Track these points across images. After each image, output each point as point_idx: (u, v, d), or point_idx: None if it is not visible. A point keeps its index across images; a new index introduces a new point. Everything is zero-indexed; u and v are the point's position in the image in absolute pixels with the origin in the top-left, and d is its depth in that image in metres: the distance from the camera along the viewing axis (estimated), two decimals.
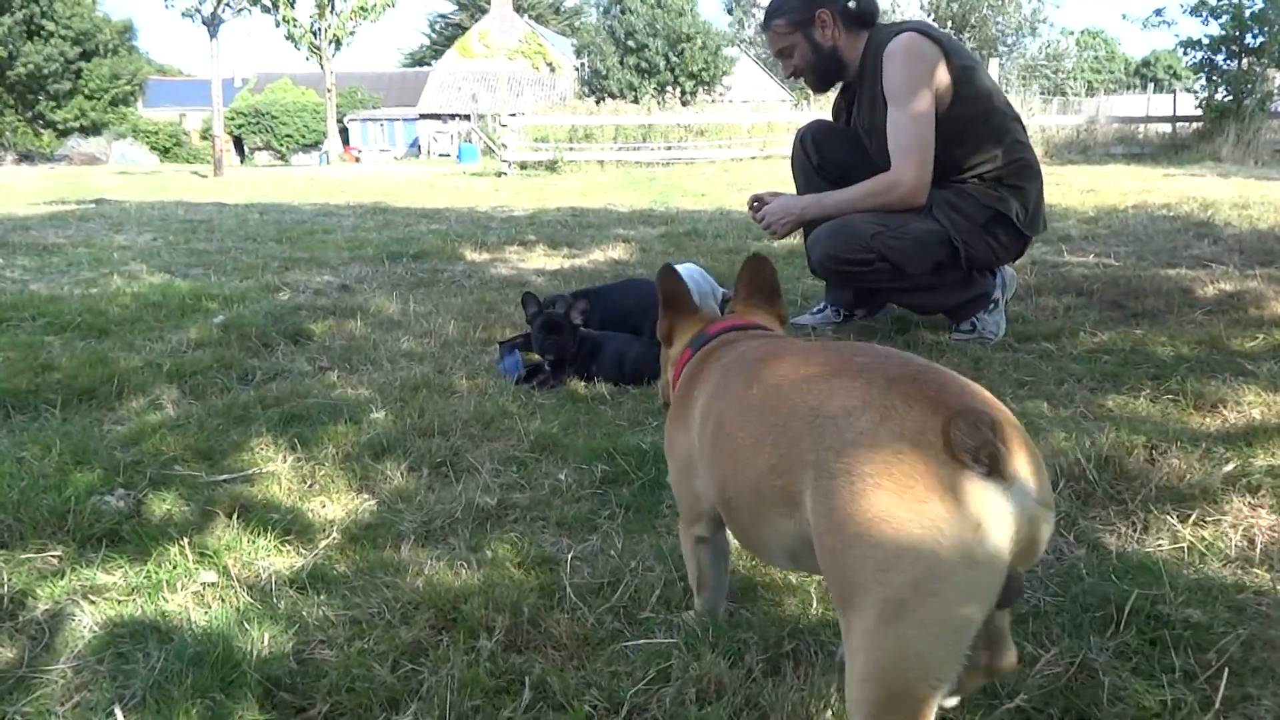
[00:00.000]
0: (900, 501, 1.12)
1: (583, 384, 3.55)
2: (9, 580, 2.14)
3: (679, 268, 4.44)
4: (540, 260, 6.77)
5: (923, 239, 3.79)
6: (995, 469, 1.13)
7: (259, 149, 51.47)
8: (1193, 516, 2.26)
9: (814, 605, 1.91)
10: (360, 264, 6.58)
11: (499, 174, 18.51)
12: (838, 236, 3.87)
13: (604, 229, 8.52)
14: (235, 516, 2.45)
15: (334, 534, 2.37)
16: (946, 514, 1.11)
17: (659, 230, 8.25)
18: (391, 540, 2.35)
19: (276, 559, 2.26)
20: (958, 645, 1.13)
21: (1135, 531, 2.23)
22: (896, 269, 3.84)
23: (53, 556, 2.27)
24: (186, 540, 2.29)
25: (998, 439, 1.12)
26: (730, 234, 7.72)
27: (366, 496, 2.63)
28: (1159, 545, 2.16)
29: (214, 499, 2.57)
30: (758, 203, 4.13)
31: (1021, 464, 1.15)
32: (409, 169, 24.83)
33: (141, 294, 5.23)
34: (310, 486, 2.70)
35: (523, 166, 19.15)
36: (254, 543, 2.32)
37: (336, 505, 2.57)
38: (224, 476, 2.75)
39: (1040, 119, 18.93)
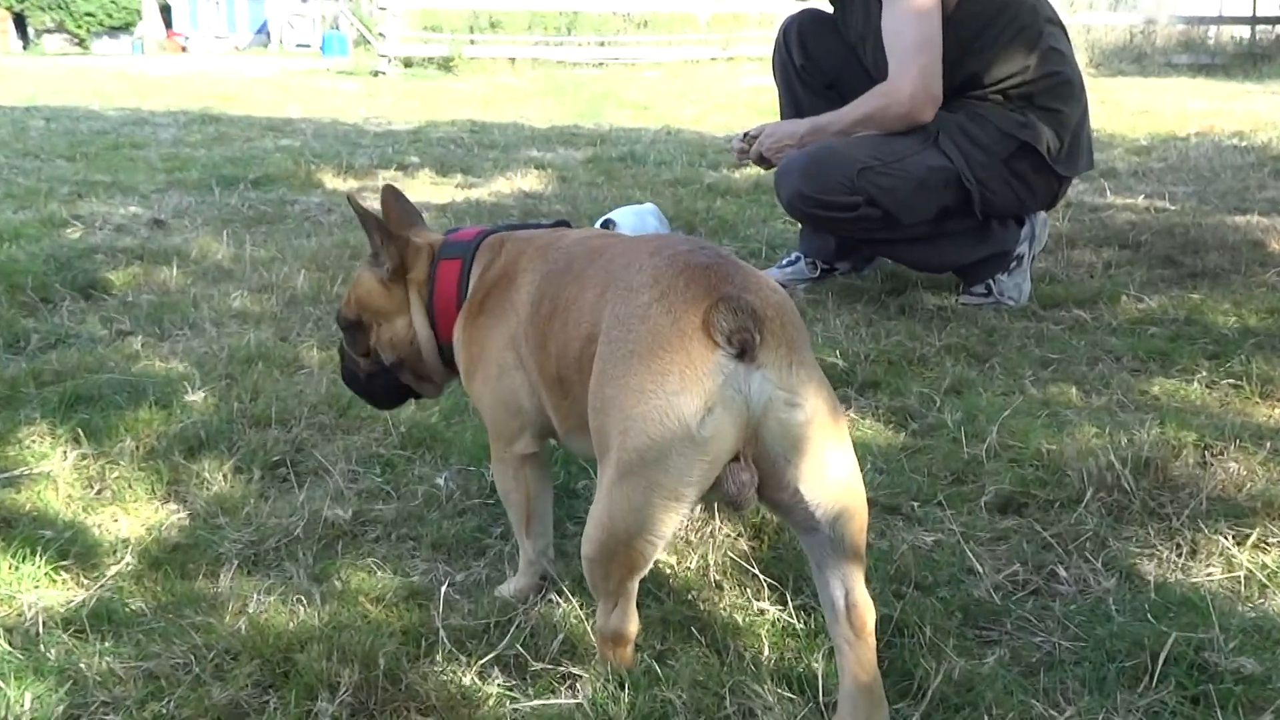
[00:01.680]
0: (648, 373, 1.58)
1: None
2: None
3: (632, 210, 4.45)
4: (425, 190, 6.68)
5: (924, 179, 3.83)
6: (745, 353, 1.56)
7: (48, 31, 49.97)
8: (1252, 538, 2.32)
9: (764, 651, 1.92)
10: (180, 192, 6.44)
11: (375, 73, 18.25)
12: (813, 169, 3.90)
13: (512, 150, 8.45)
14: None
15: (127, 558, 2.32)
16: (680, 389, 1.56)
17: (584, 153, 8.21)
18: (207, 567, 2.31)
19: (47, 592, 2.21)
20: (672, 512, 1.62)
21: (1179, 557, 2.28)
22: (889, 216, 3.87)
23: None
24: None
25: (755, 328, 1.55)
26: (678, 160, 7.72)
27: (175, 507, 2.58)
28: (1208, 575, 2.21)
29: None
30: (746, 138, 4.17)
31: (773, 352, 1.57)
32: (254, 63, 24.33)
33: None
34: (99, 493, 2.64)
35: (407, 64, 18.89)
36: (17, 569, 2.26)
37: (134, 519, 2.52)
38: None
39: (1084, 17, 19.23)
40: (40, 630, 2.06)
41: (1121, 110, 10.59)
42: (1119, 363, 3.45)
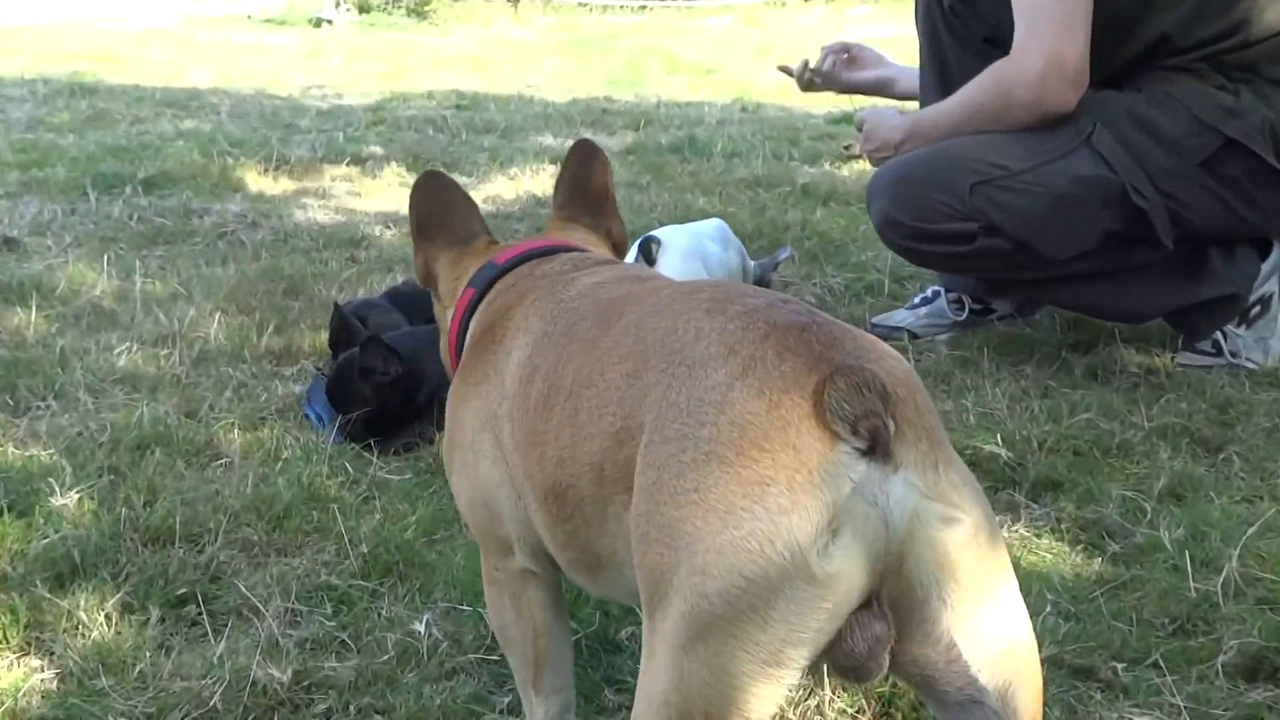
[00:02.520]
0: (736, 483, 1.50)
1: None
2: None
3: (687, 229, 4.52)
4: (390, 195, 6.75)
5: (1066, 194, 3.84)
6: (876, 447, 1.49)
7: None
8: None
9: None
10: (40, 197, 6.54)
11: (317, 22, 18.50)
12: (906, 187, 3.97)
13: (516, 136, 8.52)
14: None
15: None
16: (790, 506, 1.47)
17: (621, 139, 8.26)
18: None
19: None
20: (776, 686, 1.52)
21: None
22: (1022, 247, 3.89)
23: None
24: None
25: (887, 411, 1.49)
26: (757, 150, 7.78)
27: (39, 662, 2.60)
28: None
29: None
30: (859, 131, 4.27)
31: (912, 448, 1.52)
32: (145, 8, 24.74)
33: None
34: None
35: (363, 9, 19.14)
36: None
37: None
38: None
39: None
40: None
41: None
42: None
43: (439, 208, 2.40)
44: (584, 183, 2.43)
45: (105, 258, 5.28)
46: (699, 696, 1.53)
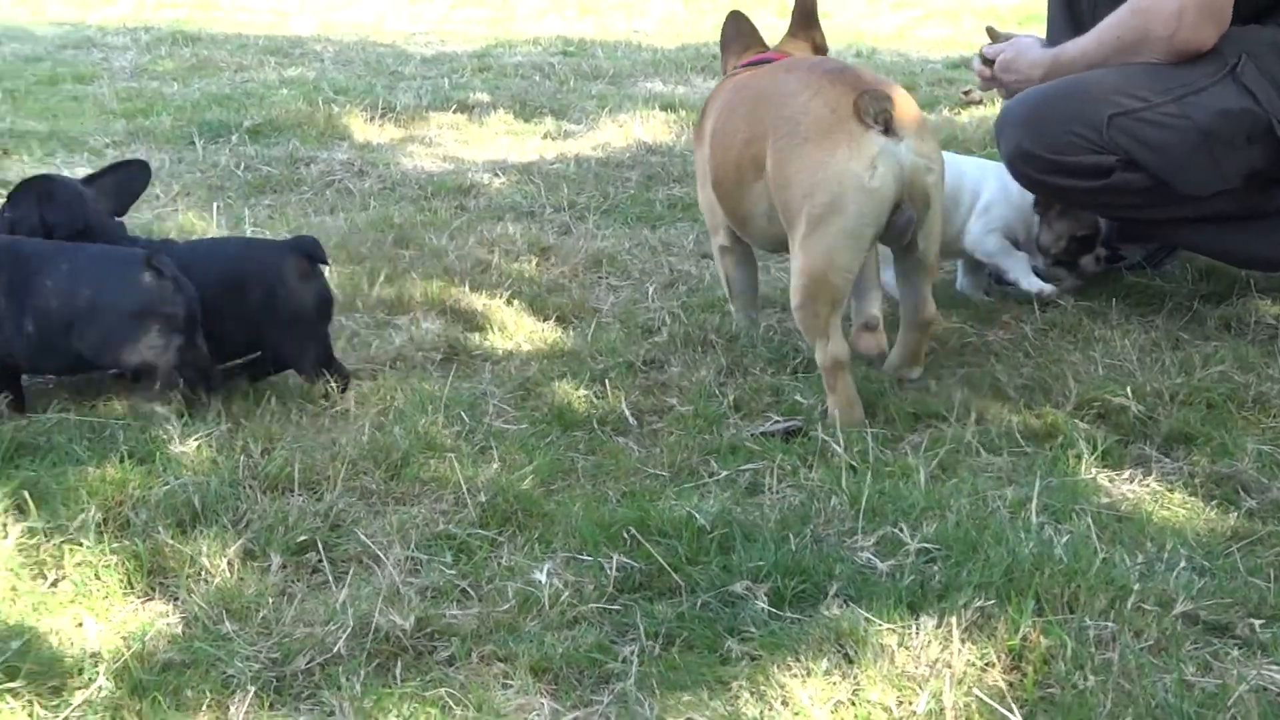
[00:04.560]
0: (820, 150, 3.30)
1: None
2: None
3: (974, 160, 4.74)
4: (499, 142, 6.80)
5: (1211, 128, 3.81)
6: (888, 129, 3.28)
7: None
8: None
9: None
10: (148, 145, 6.65)
11: None
12: (1041, 116, 3.96)
13: (625, 82, 8.53)
14: None
15: (100, 680, 2.41)
16: (849, 156, 3.27)
17: None
18: (211, 695, 2.39)
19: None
20: (858, 248, 3.34)
21: None
22: (1160, 184, 3.88)
23: None
24: None
25: (892, 109, 3.27)
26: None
27: (164, 606, 2.67)
28: None
29: None
30: (985, 59, 4.27)
31: (909, 128, 3.32)
32: None
33: None
34: (54, 585, 2.74)
35: None
36: None
37: (106, 623, 2.61)
38: None
39: None
40: None
41: None
42: None
43: (730, 31, 4.08)
44: (803, 9, 4.05)
45: (214, 206, 5.36)
46: (819, 260, 3.37)
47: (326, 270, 3.76)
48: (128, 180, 3.85)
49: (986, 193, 4.28)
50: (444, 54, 9.89)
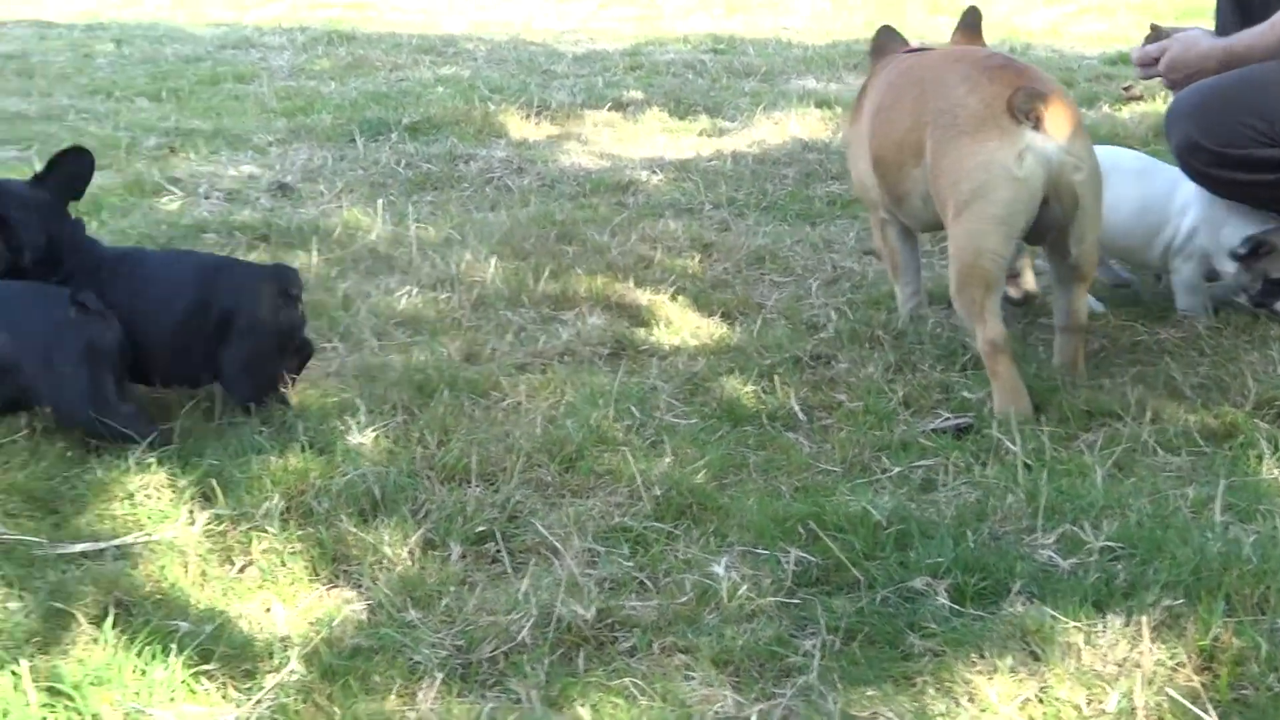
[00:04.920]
0: (973, 141, 3.46)
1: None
2: None
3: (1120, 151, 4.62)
4: (654, 139, 6.82)
5: None
6: (1039, 126, 3.40)
7: None
8: None
9: None
10: (309, 143, 6.76)
11: None
12: (1212, 108, 3.92)
13: (777, 79, 8.52)
14: (109, 622, 2.57)
15: (292, 664, 2.47)
16: (999, 147, 3.41)
17: None
18: (399, 679, 2.44)
19: (186, 708, 2.37)
20: (1006, 235, 3.47)
21: None
22: None
23: None
24: (25, 660, 2.42)
25: (1045, 106, 3.39)
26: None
27: (349, 594, 2.73)
28: None
29: (66, 587, 2.70)
30: (1152, 39, 4.23)
31: (1059, 126, 3.43)
32: None
33: None
34: (242, 571, 2.81)
35: None
36: (144, 674, 2.43)
37: (293, 609, 2.68)
38: (82, 546, 2.88)
39: None
40: None
41: None
42: None
43: (882, 43, 4.21)
44: (967, 22, 4.10)
45: (378, 204, 5.43)
46: (968, 245, 3.51)
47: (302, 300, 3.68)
48: (78, 171, 3.74)
49: (1190, 217, 4.18)
50: (595, 52, 9.93)
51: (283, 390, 3.55)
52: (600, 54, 9.82)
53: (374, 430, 3.35)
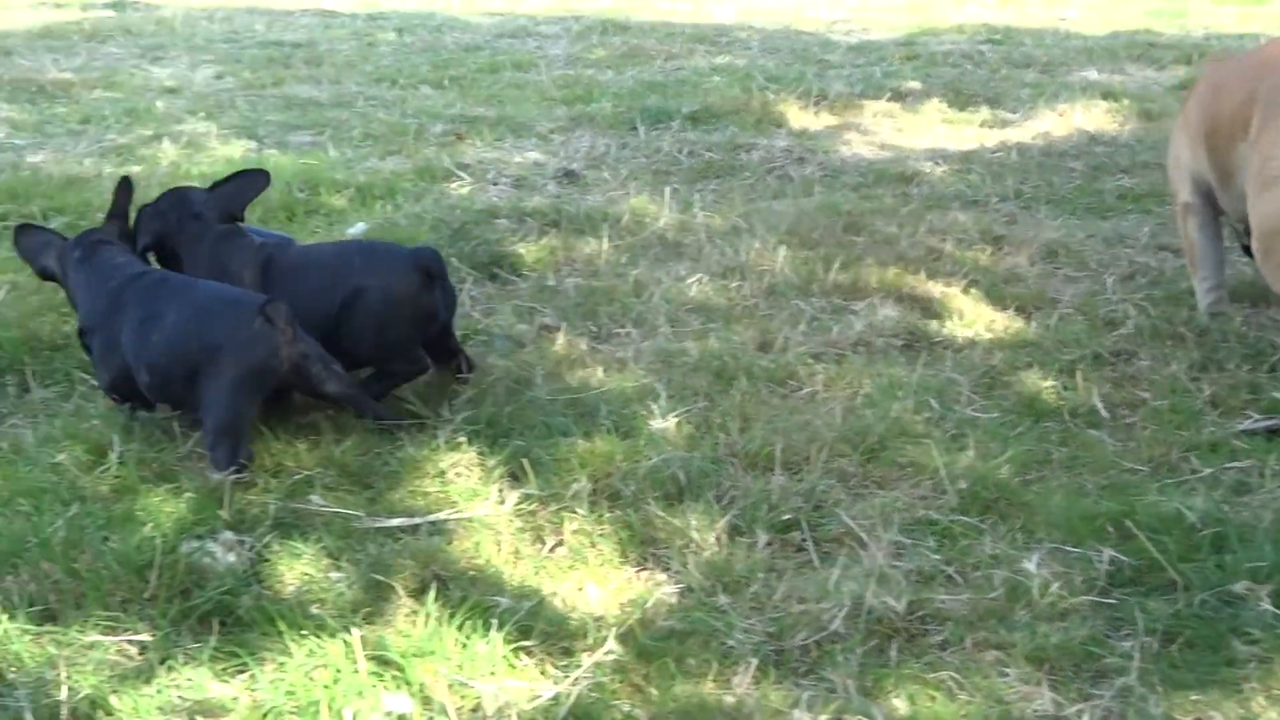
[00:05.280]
0: None
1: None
2: (66, 680, 2.42)
3: None
4: (935, 130, 6.77)
5: None
6: None
7: None
8: None
9: None
10: (591, 131, 6.86)
11: None
12: None
13: (1058, 70, 8.37)
14: (428, 594, 2.66)
15: (609, 643, 2.52)
16: None
17: (1170, 75, 8.04)
18: (716, 663, 2.47)
19: (508, 682, 2.43)
20: None
21: None
22: None
23: (130, 642, 2.55)
24: (352, 632, 2.51)
25: None
26: None
27: (660, 577, 2.77)
28: None
29: (385, 560, 2.80)
30: None
31: None
32: None
33: (213, 176, 5.68)
34: (552, 550, 2.88)
35: None
36: (467, 647, 2.51)
37: (605, 589, 2.73)
38: (398, 521, 2.98)
39: None
40: None
41: None
42: None
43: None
44: None
45: (665, 191, 5.48)
46: (1267, 217, 3.58)
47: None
48: (243, 187, 3.85)
49: None
50: (869, 42, 9.87)
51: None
52: (874, 44, 9.75)
53: (675, 416, 3.39)
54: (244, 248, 3.65)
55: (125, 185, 3.76)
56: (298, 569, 2.80)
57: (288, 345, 3.22)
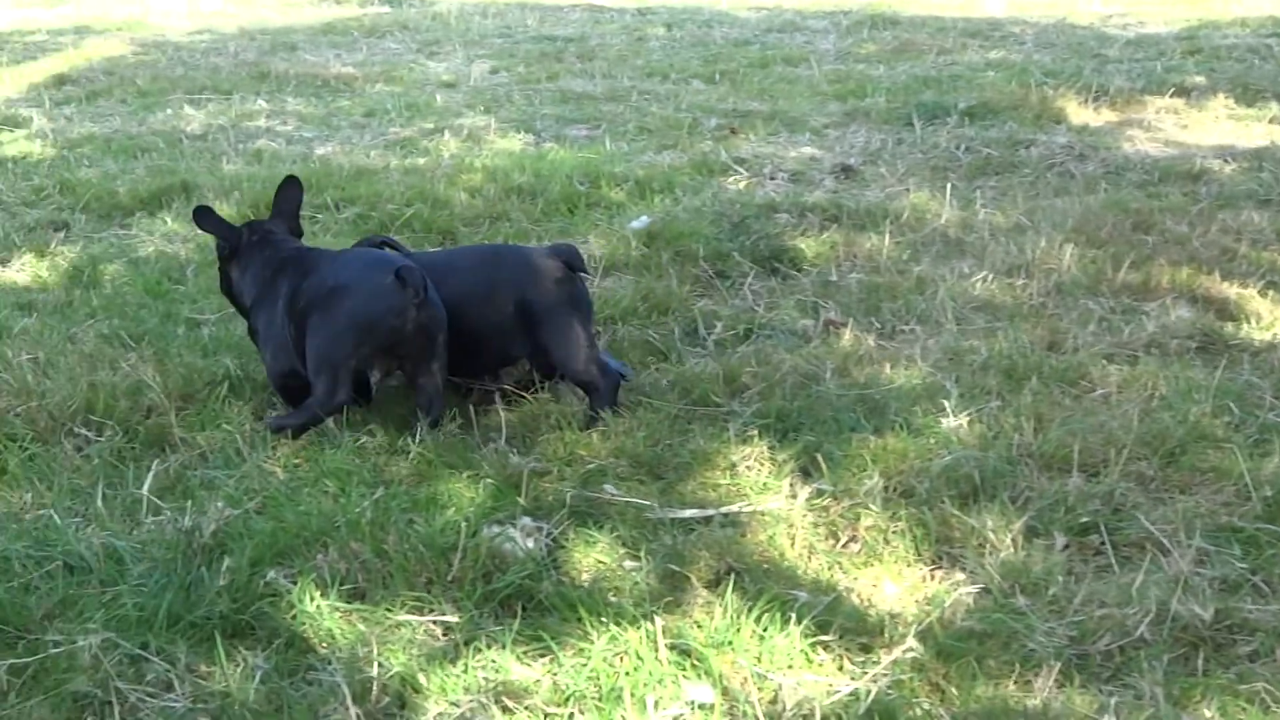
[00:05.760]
0: None
1: None
2: (378, 657, 2.50)
3: None
4: (1221, 126, 6.60)
5: None
6: None
7: None
8: None
9: None
10: (865, 126, 6.83)
11: None
12: None
13: None
14: (723, 586, 2.68)
15: (909, 641, 2.51)
16: None
17: None
18: (1017, 665, 2.45)
19: (805, 675, 2.44)
20: None
21: None
22: None
23: (436, 622, 2.62)
24: (650, 622, 2.54)
25: None
26: None
27: (958, 575, 2.76)
28: None
29: (680, 551, 2.83)
30: None
31: None
32: None
33: (494, 168, 5.83)
34: (844, 545, 2.89)
35: None
36: (764, 638, 2.52)
37: (901, 585, 2.72)
38: (690, 512, 3.01)
39: None
40: None
41: None
42: None
43: None
44: None
45: (945, 187, 5.44)
46: None
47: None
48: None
49: None
50: (1146, 35, 9.65)
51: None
52: (1152, 37, 9.53)
53: (966, 415, 3.36)
54: None
55: (294, 183, 3.85)
56: (593, 556, 2.85)
57: (416, 308, 3.33)
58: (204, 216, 3.68)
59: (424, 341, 3.39)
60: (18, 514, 3.11)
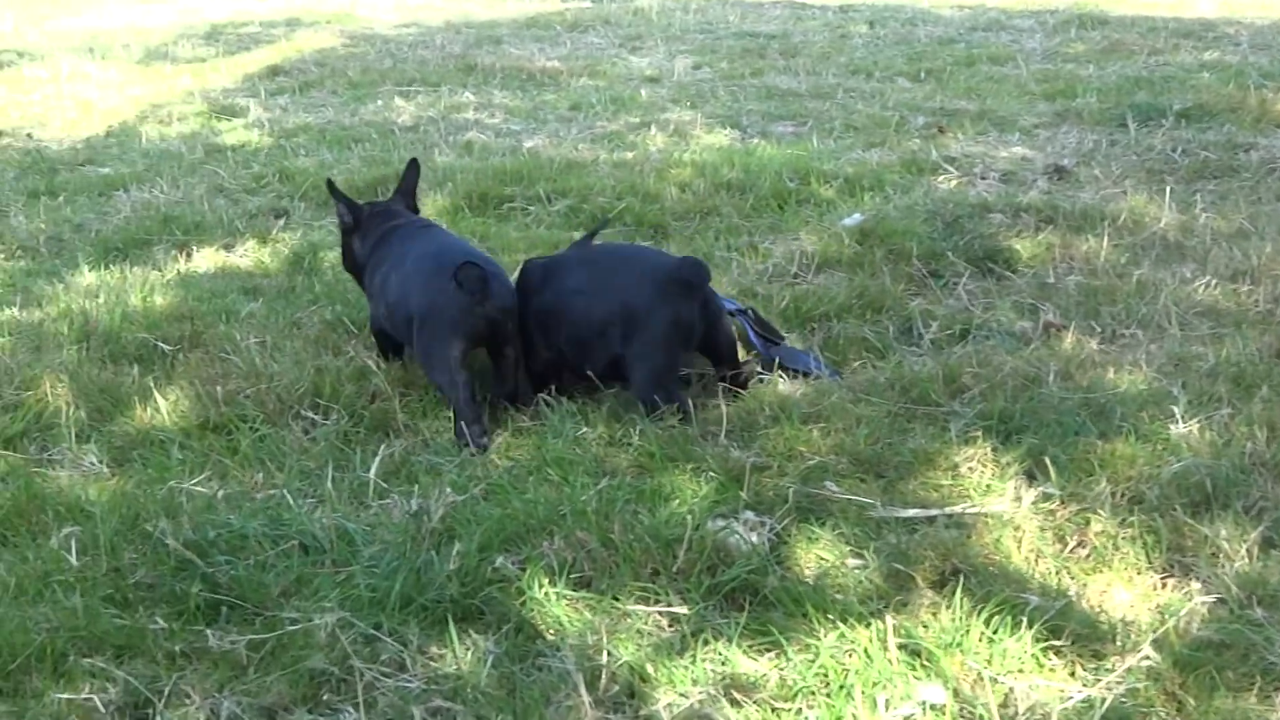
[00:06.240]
0: None
1: None
2: (608, 646, 2.53)
3: None
4: None
5: None
6: None
7: None
8: None
9: None
10: (1077, 127, 6.73)
11: None
12: None
13: None
14: (950, 587, 2.68)
15: (1142, 648, 2.48)
16: None
17: None
18: (1258, 678, 2.40)
19: (1036, 679, 2.42)
20: None
21: None
22: None
23: (664, 613, 2.64)
24: (885, 619, 2.54)
25: None
26: None
27: (1191, 585, 2.71)
28: None
29: (906, 550, 2.82)
30: None
31: None
32: None
33: (703, 163, 5.85)
34: (1072, 550, 2.85)
35: None
36: (995, 641, 2.50)
37: (1131, 591, 2.69)
38: (913, 511, 3.00)
39: None
40: None
41: None
42: None
43: None
44: None
45: (1164, 190, 5.34)
46: None
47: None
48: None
49: None
50: None
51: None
52: None
53: (1196, 422, 3.29)
54: None
55: (414, 166, 4.22)
56: (815, 553, 2.85)
57: (482, 303, 3.51)
58: (333, 187, 4.01)
59: (495, 330, 3.60)
60: (250, 493, 3.20)
